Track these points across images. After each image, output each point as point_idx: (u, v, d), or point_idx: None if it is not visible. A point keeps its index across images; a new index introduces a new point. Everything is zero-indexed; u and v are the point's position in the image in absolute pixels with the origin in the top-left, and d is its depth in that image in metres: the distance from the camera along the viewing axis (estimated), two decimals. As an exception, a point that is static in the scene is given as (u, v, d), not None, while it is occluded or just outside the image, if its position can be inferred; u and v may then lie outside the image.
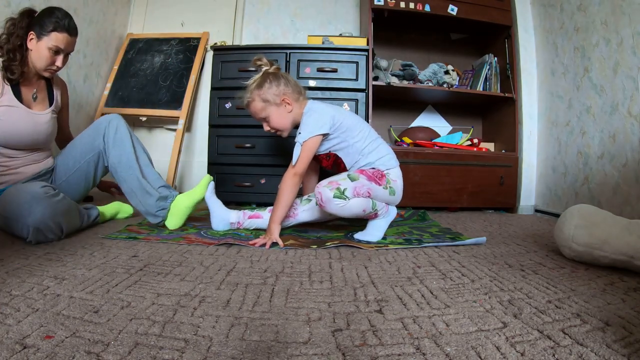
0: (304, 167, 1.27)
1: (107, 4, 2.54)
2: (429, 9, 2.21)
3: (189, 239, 1.24)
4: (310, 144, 1.27)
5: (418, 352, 0.54)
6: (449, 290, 0.81)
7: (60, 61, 1.32)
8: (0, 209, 1.16)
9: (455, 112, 2.68)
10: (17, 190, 1.16)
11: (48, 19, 1.27)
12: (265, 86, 1.31)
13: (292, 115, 1.35)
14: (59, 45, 1.28)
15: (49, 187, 1.17)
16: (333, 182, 1.20)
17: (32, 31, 1.27)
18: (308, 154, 1.27)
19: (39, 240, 1.11)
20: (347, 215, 1.23)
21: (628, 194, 1.65)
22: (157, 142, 2.70)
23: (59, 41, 1.28)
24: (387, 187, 1.29)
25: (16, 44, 1.25)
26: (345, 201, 1.18)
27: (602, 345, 0.56)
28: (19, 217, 1.09)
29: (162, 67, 2.57)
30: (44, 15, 1.28)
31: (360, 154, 1.33)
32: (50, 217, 1.10)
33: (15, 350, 0.50)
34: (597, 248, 0.99)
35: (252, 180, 2.09)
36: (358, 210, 1.22)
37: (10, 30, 1.26)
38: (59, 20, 1.27)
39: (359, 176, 1.25)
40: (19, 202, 1.11)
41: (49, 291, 0.73)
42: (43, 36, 1.27)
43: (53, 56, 1.30)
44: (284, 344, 0.56)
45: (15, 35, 1.25)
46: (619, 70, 1.71)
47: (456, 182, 2.18)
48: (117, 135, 1.39)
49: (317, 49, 2.10)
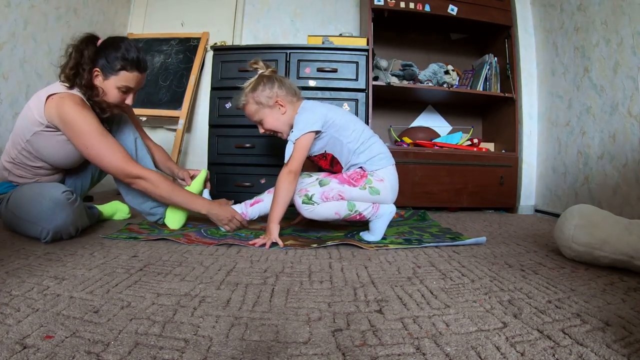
0: (298, 164, 1.26)
1: (107, 4, 2.54)
2: (429, 9, 2.21)
3: (188, 237, 1.25)
4: (302, 141, 1.27)
5: (418, 352, 0.54)
6: (449, 290, 0.81)
7: (130, 99, 1.22)
8: (15, 209, 1.16)
9: (455, 112, 2.68)
10: (35, 192, 1.14)
11: (115, 54, 1.15)
12: (259, 89, 1.32)
13: (287, 118, 1.35)
14: (129, 85, 1.18)
15: (68, 191, 1.16)
16: (302, 190, 1.24)
17: (96, 68, 1.15)
18: (301, 151, 1.27)
19: (55, 240, 1.13)
20: (322, 219, 1.27)
21: (628, 194, 1.65)
22: (158, 142, 2.69)
23: (129, 81, 1.17)
24: (366, 187, 1.28)
25: (89, 79, 1.14)
26: (313, 206, 1.23)
27: (602, 345, 0.56)
28: (39, 221, 1.10)
29: (162, 67, 2.57)
30: (108, 48, 1.16)
31: (353, 154, 1.33)
32: (72, 222, 1.14)
33: (15, 350, 0.50)
34: (597, 248, 0.99)
35: (252, 180, 2.09)
36: (329, 213, 1.25)
37: (77, 60, 1.14)
38: (127, 55, 1.15)
39: (330, 180, 1.27)
40: (41, 207, 1.10)
41: (49, 291, 0.73)
42: (111, 75, 1.15)
43: (123, 95, 1.20)
44: (284, 344, 0.56)
45: (86, 71, 1.13)
46: (619, 70, 1.71)
47: (456, 182, 2.18)
48: (120, 127, 1.37)
49: (317, 49, 2.10)
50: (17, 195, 1.17)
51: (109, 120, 1.34)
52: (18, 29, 1.84)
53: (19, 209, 1.15)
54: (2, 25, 1.75)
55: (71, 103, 1.11)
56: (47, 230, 1.10)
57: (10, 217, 1.19)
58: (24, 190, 1.18)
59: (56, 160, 1.23)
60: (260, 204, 1.45)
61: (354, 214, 1.27)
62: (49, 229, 1.09)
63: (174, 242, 1.20)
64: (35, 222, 1.11)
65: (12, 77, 1.83)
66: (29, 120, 1.15)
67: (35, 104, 1.15)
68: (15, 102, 1.85)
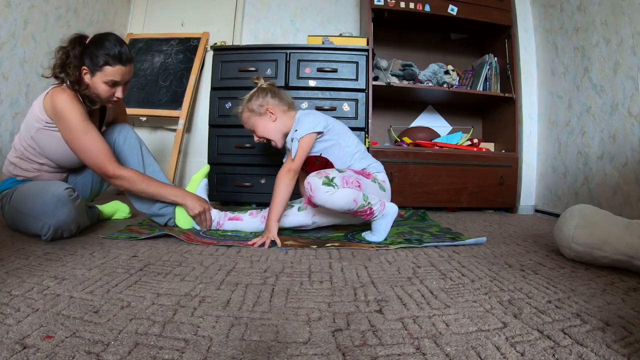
0: (299, 163, 1.31)
1: (107, 4, 2.54)
2: (429, 9, 2.21)
3: (188, 235, 1.26)
4: (306, 139, 1.32)
5: (418, 352, 0.54)
6: (449, 290, 0.81)
7: (120, 92, 1.26)
8: (17, 204, 1.19)
9: (455, 112, 2.68)
10: (38, 188, 1.18)
11: (97, 51, 1.19)
12: (253, 99, 1.42)
13: (277, 125, 1.41)
14: (114, 79, 1.22)
15: (70, 188, 1.18)
16: (322, 172, 1.24)
17: (84, 66, 1.20)
18: (304, 151, 1.32)
19: (55, 238, 1.15)
20: (337, 206, 1.21)
21: (628, 194, 1.65)
22: (157, 142, 2.70)
23: (114, 74, 1.21)
24: (376, 182, 1.37)
25: (76, 74, 1.19)
26: (334, 189, 1.19)
27: (602, 345, 0.56)
28: (40, 216, 1.12)
29: (162, 67, 2.57)
30: (92, 46, 1.20)
31: (352, 158, 1.40)
32: (73, 219, 1.16)
33: (15, 350, 0.50)
34: (597, 248, 0.99)
35: (252, 180, 2.09)
36: (348, 199, 1.20)
37: (63, 60, 1.20)
38: (109, 51, 1.19)
39: (346, 170, 1.33)
40: (43, 203, 1.13)
41: (49, 291, 0.73)
42: (96, 71, 1.20)
43: (111, 89, 1.24)
44: (284, 344, 0.56)
45: (73, 66, 1.18)
46: (619, 70, 1.71)
47: (456, 182, 2.18)
48: (125, 144, 1.39)
49: (317, 49, 2.10)
50: (20, 191, 1.20)
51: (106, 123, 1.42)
52: (18, 29, 1.84)
53: (22, 204, 1.17)
54: (2, 25, 1.75)
55: (63, 95, 1.18)
56: (48, 225, 1.11)
57: (12, 213, 1.21)
58: (27, 186, 1.21)
59: (58, 158, 1.28)
60: (237, 222, 1.42)
61: (367, 206, 1.25)
62: (50, 224, 1.11)
63: (173, 242, 1.20)
64: (37, 217, 1.12)
65: (12, 77, 1.83)
66: (32, 116, 1.22)
67: (38, 99, 1.23)
68: (15, 102, 1.85)
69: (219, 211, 1.43)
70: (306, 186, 1.23)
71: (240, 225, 1.42)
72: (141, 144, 1.42)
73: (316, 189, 1.19)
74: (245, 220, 1.41)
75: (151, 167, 1.41)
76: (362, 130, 2.05)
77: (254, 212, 1.42)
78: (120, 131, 1.40)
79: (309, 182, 1.21)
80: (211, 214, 1.40)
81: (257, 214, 1.41)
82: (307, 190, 1.22)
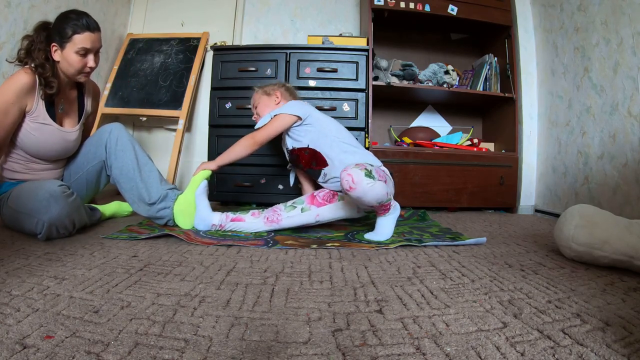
0: (264, 137, 1.42)
1: (107, 4, 2.54)
2: (429, 9, 2.21)
3: (188, 235, 1.26)
4: (280, 118, 1.43)
5: (418, 352, 0.54)
6: (449, 290, 0.81)
7: (92, 61, 1.28)
8: (14, 203, 1.19)
9: (455, 112, 2.68)
10: (34, 186, 1.19)
11: (65, 25, 1.22)
12: (270, 85, 1.63)
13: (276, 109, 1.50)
14: (85, 46, 1.24)
15: (64, 186, 1.20)
16: (360, 165, 1.22)
17: (53, 43, 1.23)
18: (273, 128, 1.43)
19: (51, 236, 1.15)
20: (374, 198, 1.19)
21: (628, 194, 1.65)
22: (157, 142, 2.70)
23: (84, 41, 1.23)
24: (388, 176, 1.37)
25: (41, 57, 1.21)
26: (374, 181, 1.18)
27: (602, 345, 0.56)
28: (35, 213, 1.12)
29: (162, 67, 2.57)
30: (59, 23, 1.24)
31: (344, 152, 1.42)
32: (66, 215, 1.16)
33: (15, 350, 0.50)
34: (597, 248, 0.99)
35: (252, 180, 2.09)
36: (382, 192, 1.20)
37: (28, 47, 1.22)
38: (76, 21, 1.22)
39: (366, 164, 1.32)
40: (37, 199, 1.14)
41: (49, 291, 0.73)
42: (66, 43, 1.22)
43: (83, 59, 1.26)
44: (284, 344, 0.56)
45: (37, 50, 1.21)
46: (619, 70, 1.71)
47: (456, 182, 2.18)
48: (117, 146, 1.38)
49: (317, 49, 2.10)
50: (17, 191, 1.22)
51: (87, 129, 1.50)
52: (18, 29, 1.84)
53: (18, 202, 1.18)
54: (2, 25, 1.75)
55: (17, 75, 1.18)
56: (42, 222, 1.11)
57: (10, 213, 1.22)
58: (24, 185, 1.22)
59: (32, 149, 1.28)
60: (240, 222, 1.41)
61: (389, 200, 1.26)
62: (44, 220, 1.11)
63: (173, 242, 1.20)
64: (31, 214, 1.13)
65: (12, 77, 1.83)
66: None
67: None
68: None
69: (220, 213, 1.42)
70: (345, 178, 1.17)
71: (242, 226, 1.41)
72: (134, 144, 1.41)
73: (360, 181, 1.16)
74: (248, 221, 1.40)
75: (147, 167, 1.40)
76: (362, 130, 2.05)
77: (256, 212, 1.42)
78: (110, 132, 1.39)
79: (349, 174, 1.16)
80: (214, 217, 1.40)
81: (259, 215, 1.41)
82: (347, 182, 1.17)
